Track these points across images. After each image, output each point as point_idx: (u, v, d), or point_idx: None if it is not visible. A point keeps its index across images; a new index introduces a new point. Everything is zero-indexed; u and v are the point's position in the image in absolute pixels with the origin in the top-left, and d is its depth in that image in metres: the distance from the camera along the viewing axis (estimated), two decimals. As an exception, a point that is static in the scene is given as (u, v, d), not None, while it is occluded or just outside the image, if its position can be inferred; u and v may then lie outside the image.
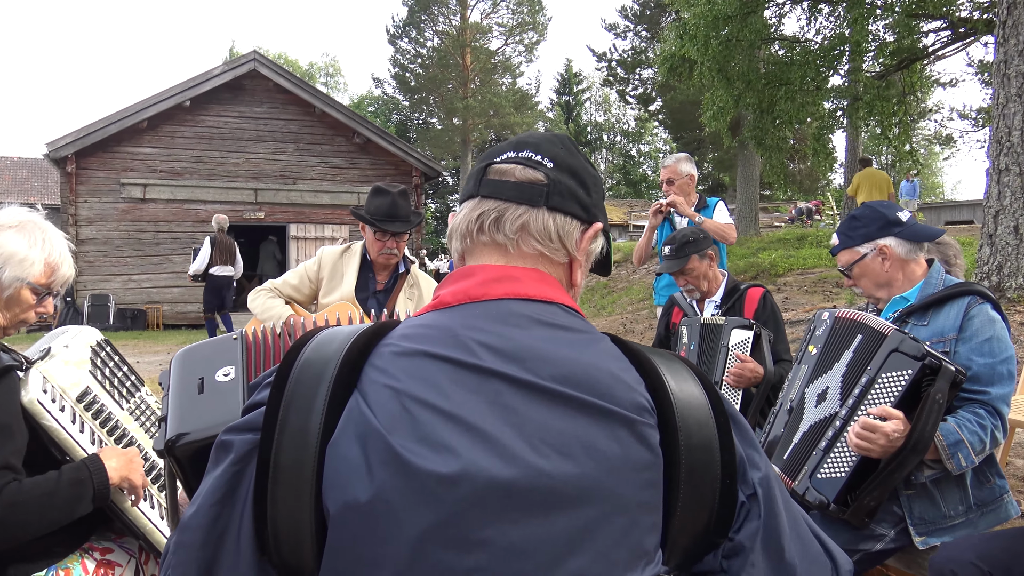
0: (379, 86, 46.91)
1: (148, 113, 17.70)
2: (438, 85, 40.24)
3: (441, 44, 39.94)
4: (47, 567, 1.89)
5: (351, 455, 0.89)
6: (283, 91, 18.90)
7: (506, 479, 0.86)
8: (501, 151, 1.12)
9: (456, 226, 1.11)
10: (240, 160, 18.75)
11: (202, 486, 0.98)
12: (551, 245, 1.07)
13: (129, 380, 2.20)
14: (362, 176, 19.41)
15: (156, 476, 2.17)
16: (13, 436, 1.78)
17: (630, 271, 16.54)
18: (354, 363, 0.96)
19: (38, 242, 1.98)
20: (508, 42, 41.13)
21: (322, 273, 3.64)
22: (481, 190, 1.09)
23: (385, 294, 3.62)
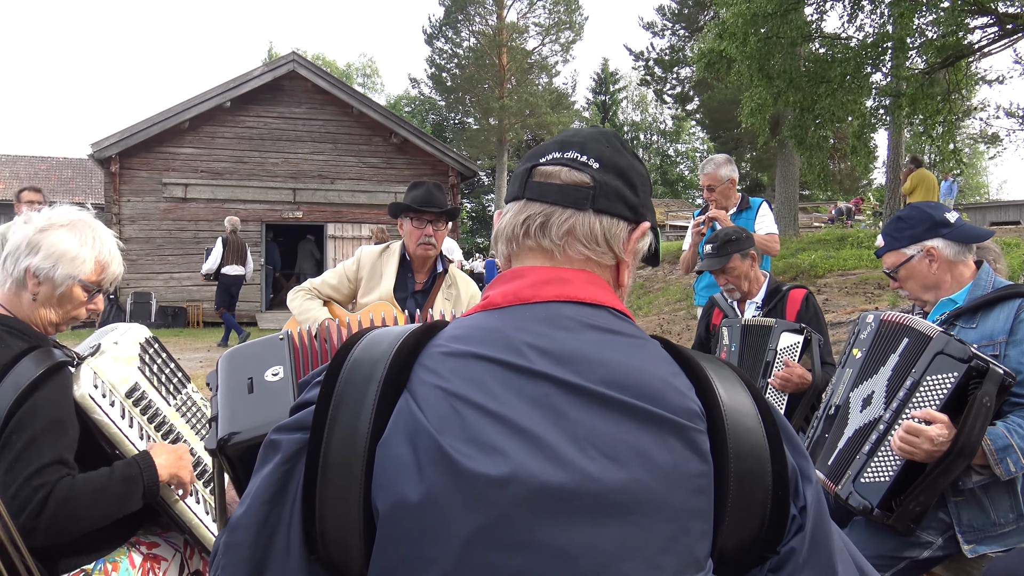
0: (415, 86, 47.15)
1: (189, 114, 17.98)
2: (474, 85, 40.32)
3: (477, 44, 40.01)
4: (96, 560, 1.93)
5: (401, 455, 0.89)
6: (321, 92, 19.08)
7: (555, 483, 0.86)
8: (546, 151, 1.10)
9: (502, 229, 1.10)
10: (279, 160, 18.97)
11: (251, 485, 0.99)
12: (598, 249, 1.06)
13: (176, 377, 2.24)
14: (399, 176, 19.53)
15: (201, 472, 2.20)
16: (66, 431, 1.82)
17: (667, 271, 16.44)
18: (403, 363, 0.96)
19: (89, 240, 2.03)
20: (544, 41, 41.06)
21: (361, 273, 3.66)
22: (527, 192, 1.08)
23: (424, 294, 3.63)
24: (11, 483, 1.70)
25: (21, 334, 1.93)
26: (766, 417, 1.00)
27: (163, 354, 2.23)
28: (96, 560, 1.92)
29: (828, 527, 0.99)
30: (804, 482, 1.00)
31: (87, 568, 1.90)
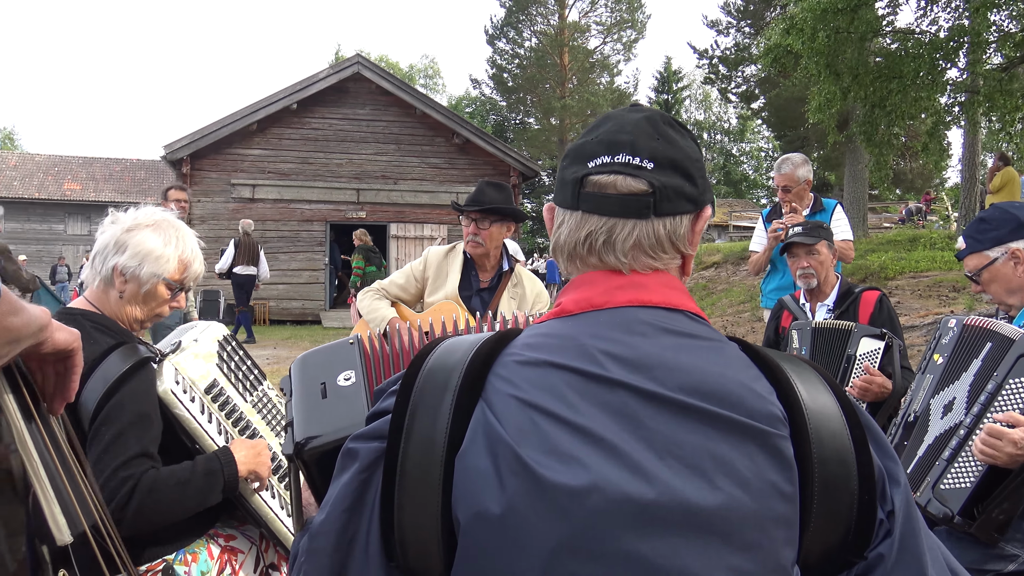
0: (477, 87, 47.37)
1: (257, 116, 18.40)
2: (535, 85, 40.36)
3: (539, 44, 40.04)
4: (177, 550, 1.99)
5: (481, 466, 0.89)
6: (385, 93, 19.32)
7: (636, 493, 0.85)
8: (593, 153, 1.03)
9: (561, 244, 1.06)
10: (343, 161, 19.28)
11: (330, 493, 1.00)
12: (664, 256, 1.03)
13: (252, 374, 2.30)
14: (461, 176, 19.66)
15: (277, 467, 2.25)
16: (151, 425, 1.88)
17: (730, 272, 16.19)
18: (478, 372, 0.96)
19: (172, 240, 2.09)
20: (606, 41, 40.90)
21: (427, 273, 3.70)
22: (581, 204, 1.02)
23: (489, 292, 3.65)
24: (99, 474, 1.77)
25: (108, 330, 2.00)
26: (851, 419, 0.97)
27: (240, 352, 2.28)
28: (177, 551, 1.98)
29: (918, 531, 0.96)
30: (892, 485, 0.97)
31: (168, 558, 1.96)
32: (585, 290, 1.03)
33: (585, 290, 1.03)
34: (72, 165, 30.19)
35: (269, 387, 2.35)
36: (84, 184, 28.97)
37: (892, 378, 3.15)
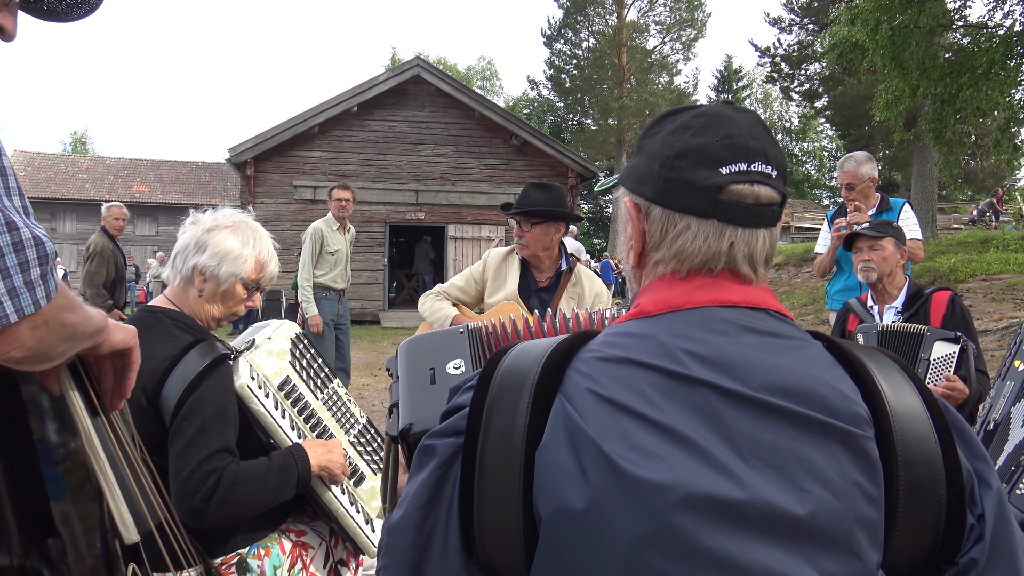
0: (534, 88, 47.38)
1: (319, 119, 18.73)
2: (593, 85, 40.19)
3: (597, 44, 39.86)
4: (251, 544, 2.04)
5: (562, 460, 0.89)
6: (444, 95, 19.48)
7: (719, 492, 0.84)
8: (724, 159, 0.98)
9: (695, 252, 1.00)
10: (402, 163, 19.50)
11: (407, 489, 1.01)
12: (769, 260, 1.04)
13: (323, 372, 2.34)
14: (519, 177, 19.71)
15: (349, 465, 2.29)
16: (230, 420, 1.93)
17: (792, 274, 15.91)
18: (557, 367, 0.96)
19: (250, 241, 2.15)
20: (665, 40, 40.49)
21: (487, 274, 3.72)
22: (719, 213, 0.98)
23: (548, 292, 3.65)
24: (183, 467, 1.82)
25: (187, 327, 2.06)
26: (938, 420, 0.94)
27: (311, 350, 2.33)
28: (251, 544, 2.03)
29: (1012, 535, 0.93)
30: (982, 488, 0.94)
31: (242, 551, 2.01)
32: (663, 292, 1.02)
33: (663, 292, 1.02)
34: (141, 168, 31.12)
35: (338, 385, 2.40)
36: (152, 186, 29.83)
37: (967, 382, 3.05)
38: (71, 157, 33.32)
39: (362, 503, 2.28)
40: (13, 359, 1.00)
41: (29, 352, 1.00)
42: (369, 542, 2.19)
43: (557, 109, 46.27)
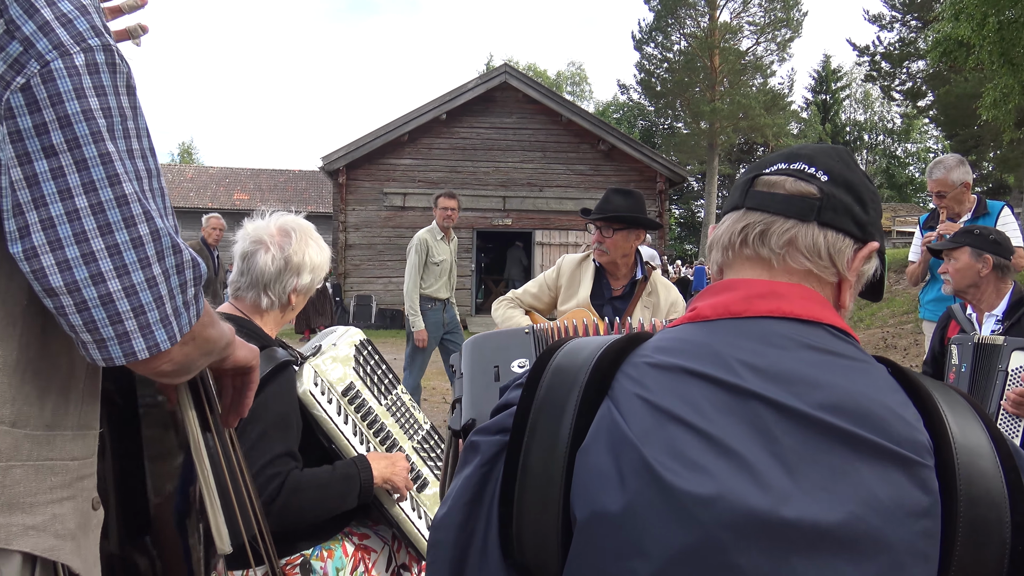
0: (624, 92, 47.13)
1: (408, 127, 19.08)
2: (684, 89, 39.63)
3: (688, 47, 39.31)
4: (314, 545, 2.08)
5: (602, 463, 0.87)
6: (532, 101, 19.56)
7: (764, 509, 0.80)
8: (771, 162, 1.06)
9: (718, 237, 1.07)
10: (490, 169, 19.67)
11: (452, 486, 1.01)
12: (820, 263, 0.99)
13: (387, 378, 2.38)
14: (606, 183, 19.57)
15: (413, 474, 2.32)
16: (291, 425, 1.98)
17: (892, 281, 15.28)
18: (606, 370, 0.94)
19: (322, 244, 2.21)
20: (759, 41, 39.58)
21: (560, 281, 3.70)
22: (747, 202, 1.04)
23: (622, 300, 3.61)
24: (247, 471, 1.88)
25: (253, 335, 2.12)
26: (1005, 460, 0.88)
27: (376, 356, 2.37)
28: (314, 546, 2.08)
29: None
30: None
31: (306, 553, 2.06)
32: (723, 296, 1.00)
33: (723, 296, 1.00)
34: (241, 177, 32.32)
35: (403, 391, 2.43)
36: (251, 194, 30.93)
37: None
38: (177, 167, 34.86)
39: (425, 509, 2.30)
40: (162, 372, 1.03)
41: (177, 366, 1.04)
42: (431, 548, 2.21)
43: (647, 113, 45.89)
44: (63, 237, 0.92)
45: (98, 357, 0.97)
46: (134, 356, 0.97)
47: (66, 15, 0.94)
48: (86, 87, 0.93)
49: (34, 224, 0.92)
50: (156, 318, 0.97)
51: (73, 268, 0.92)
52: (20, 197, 0.92)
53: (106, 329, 0.95)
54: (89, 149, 0.93)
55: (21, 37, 0.92)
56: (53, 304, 0.94)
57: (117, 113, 0.97)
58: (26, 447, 1.01)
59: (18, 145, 0.91)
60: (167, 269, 0.98)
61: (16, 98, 0.91)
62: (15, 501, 0.99)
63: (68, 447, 1.06)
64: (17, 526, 0.99)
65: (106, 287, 0.94)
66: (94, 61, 0.95)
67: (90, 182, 0.93)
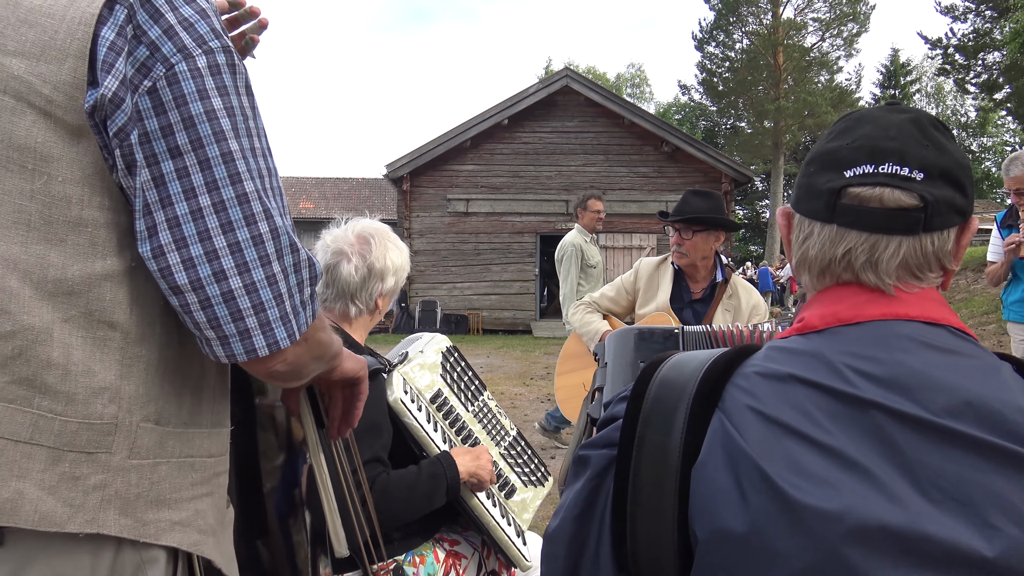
0: (685, 93, 46.60)
1: (471, 133, 19.21)
2: (748, 87, 39.02)
3: (751, 45, 38.69)
4: (406, 551, 2.09)
5: (721, 480, 0.85)
6: (593, 104, 19.50)
7: (896, 524, 0.77)
8: (851, 162, 0.93)
9: (812, 259, 0.97)
10: (552, 173, 19.66)
11: (563, 499, 1.01)
12: (931, 276, 0.94)
13: (474, 384, 2.38)
14: (670, 184, 19.40)
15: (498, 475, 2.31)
16: (381, 433, 2.00)
17: (970, 280, 14.77)
18: (715, 382, 0.92)
19: (401, 245, 2.22)
20: (825, 36, 38.75)
21: (638, 284, 3.67)
22: (838, 218, 0.93)
23: (703, 304, 3.56)
24: None
25: (345, 343, 2.14)
26: None
27: (462, 362, 2.37)
28: (407, 552, 2.09)
29: None
30: None
31: (398, 559, 2.07)
32: (831, 305, 0.95)
33: (831, 305, 0.95)
34: (307, 185, 32.94)
35: (489, 397, 2.42)
36: (317, 203, 31.49)
37: None
38: (246, 177, 35.72)
39: (513, 515, 2.29)
40: (276, 373, 1.05)
41: (290, 367, 1.05)
42: (520, 555, 2.20)
43: (710, 113, 45.34)
44: (187, 235, 0.95)
45: (221, 354, 0.99)
46: (255, 353, 0.98)
47: (188, 19, 0.97)
48: (209, 88, 0.96)
49: (161, 223, 0.95)
50: (276, 315, 0.99)
51: (197, 266, 0.95)
52: (148, 197, 0.95)
53: (228, 326, 0.97)
54: (212, 148, 0.95)
55: (147, 41, 0.95)
56: (178, 302, 0.97)
57: (239, 112, 0.99)
58: (169, 444, 1.04)
59: (146, 147, 0.94)
60: (286, 267, 1.00)
61: (144, 101, 0.94)
62: (162, 497, 1.02)
63: (205, 444, 1.09)
64: (165, 522, 1.02)
65: (227, 284, 0.96)
66: (216, 63, 0.98)
67: (212, 181, 0.95)
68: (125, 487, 0.98)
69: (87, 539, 0.96)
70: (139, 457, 0.99)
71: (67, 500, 0.94)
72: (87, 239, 0.96)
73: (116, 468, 0.97)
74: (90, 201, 0.96)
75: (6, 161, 0.93)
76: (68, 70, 0.94)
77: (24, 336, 0.93)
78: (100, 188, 0.97)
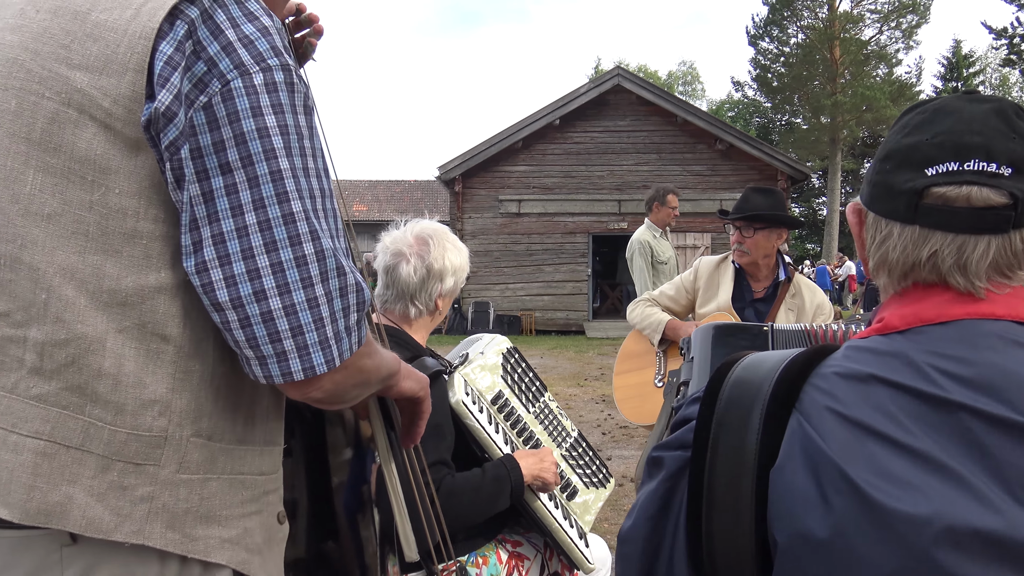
0: (739, 89, 45.97)
1: (522, 134, 19.20)
2: (803, 83, 38.31)
3: (806, 39, 37.98)
4: (469, 552, 2.09)
5: (800, 483, 0.83)
6: (645, 103, 19.34)
7: (990, 529, 0.74)
8: (932, 159, 0.89)
9: (894, 263, 0.93)
10: (604, 173, 19.55)
11: (637, 499, 1.00)
12: (1021, 274, 0.89)
13: (535, 385, 2.37)
14: (724, 183, 19.14)
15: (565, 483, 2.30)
16: (444, 435, 2.00)
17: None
18: (792, 382, 0.89)
19: (460, 245, 2.22)
20: (883, 29, 37.86)
21: (698, 283, 3.62)
22: (920, 219, 0.89)
23: (764, 303, 3.49)
24: None
25: (405, 344, 2.15)
26: None
27: (523, 364, 2.36)
28: (470, 552, 2.09)
29: None
30: None
31: (461, 559, 2.07)
32: (912, 304, 0.92)
33: (912, 304, 0.92)
34: (360, 188, 33.32)
35: (550, 398, 2.41)
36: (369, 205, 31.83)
37: None
38: (300, 181, 36.34)
39: (575, 517, 2.28)
40: (312, 399, 1.04)
41: (326, 395, 1.04)
42: (583, 557, 2.18)
43: (764, 110, 44.64)
44: (231, 252, 0.94)
45: (260, 375, 0.98)
46: (291, 376, 0.97)
47: (248, 36, 0.97)
48: (263, 105, 0.95)
49: (206, 239, 0.95)
50: (314, 339, 0.97)
51: (238, 283, 0.94)
52: (196, 212, 0.95)
53: (266, 347, 0.96)
54: (261, 167, 0.95)
55: (206, 57, 0.95)
56: (220, 319, 0.97)
57: (293, 131, 0.98)
58: (221, 461, 1.04)
59: (198, 162, 0.94)
60: (330, 291, 0.98)
61: (199, 116, 0.94)
62: (212, 514, 1.02)
63: (256, 462, 1.09)
64: (214, 538, 1.02)
65: (267, 304, 0.95)
66: (273, 80, 0.97)
67: (260, 199, 0.94)
68: (173, 501, 0.99)
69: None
70: (188, 472, 1.00)
71: (115, 509, 0.95)
72: (141, 251, 0.97)
73: (164, 481, 0.98)
74: (145, 214, 0.97)
75: (68, 172, 0.95)
76: (127, 83, 0.95)
77: (78, 344, 0.95)
78: (156, 201, 0.98)
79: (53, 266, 0.94)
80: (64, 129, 0.95)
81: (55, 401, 0.94)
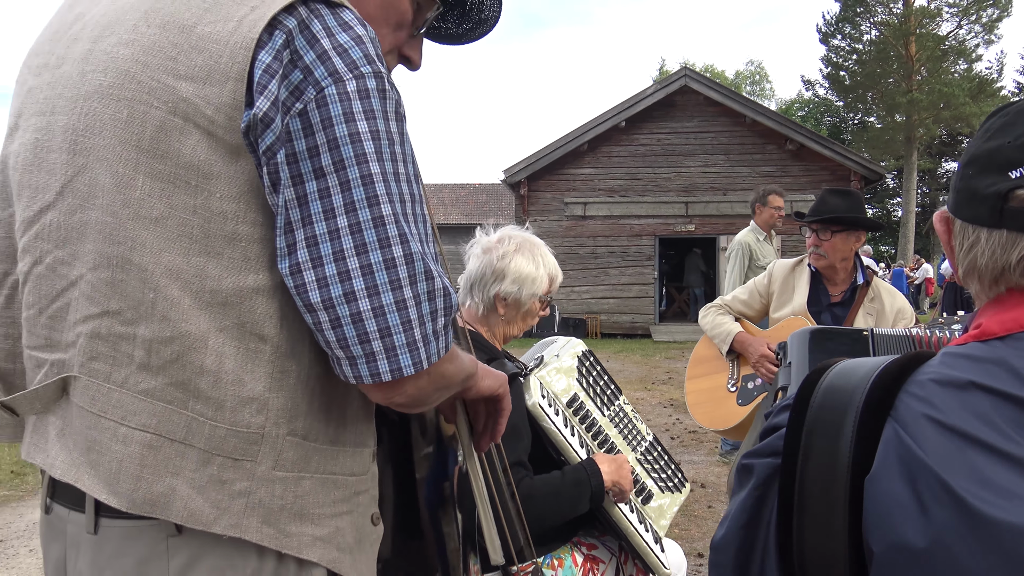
0: (809, 88, 44.95)
1: (587, 137, 19.15)
2: (877, 81, 37.25)
3: (880, 36, 36.93)
4: (545, 554, 2.10)
5: (897, 492, 0.81)
6: (713, 103, 19.09)
7: None
8: (1018, 161, 0.88)
9: (983, 268, 0.92)
10: (671, 175, 19.35)
11: (729, 508, 1.00)
12: None
13: (609, 389, 2.37)
14: (795, 183, 18.73)
15: (635, 481, 2.29)
16: (521, 437, 2.01)
17: None
18: (887, 389, 0.88)
19: (540, 260, 2.23)
20: (961, 24, 36.56)
21: (772, 287, 3.56)
22: (1006, 223, 0.88)
23: (841, 307, 3.42)
24: None
25: (480, 347, 2.18)
26: None
27: (598, 367, 2.36)
28: (545, 555, 2.10)
29: None
30: None
31: (537, 561, 2.08)
32: (1011, 310, 0.90)
33: (1011, 310, 0.90)
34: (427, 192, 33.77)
35: (625, 402, 2.41)
36: (436, 208, 32.17)
37: None
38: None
39: (651, 521, 2.27)
40: (395, 403, 1.07)
41: (409, 399, 1.06)
42: (659, 562, 2.17)
43: (835, 109, 43.54)
44: (324, 255, 0.97)
45: (349, 375, 1.01)
46: (379, 377, 0.99)
47: (342, 45, 1.00)
48: (356, 111, 0.98)
49: (300, 242, 0.98)
50: (402, 342, 0.99)
51: (330, 285, 0.97)
52: (291, 216, 0.98)
53: (355, 347, 0.98)
54: (352, 171, 0.97)
55: (302, 65, 0.98)
56: (311, 320, 0.99)
57: (385, 137, 1.01)
58: (314, 460, 1.07)
59: (293, 167, 0.98)
60: (418, 294, 1.00)
61: (295, 123, 0.98)
62: (304, 512, 1.05)
63: (348, 463, 1.12)
64: (307, 536, 1.05)
65: (357, 306, 0.97)
66: (365, 87, 1.00)
67: (351, 202, 0.97)
68: (269, 497, 1.02)
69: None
70: (284, 469, 1.03)
71: (214, 502, 0.99)
72: (240, 253, 1.01)
73: (260, 477, 1.02)
74: (244, 217, 1.01)
75: (174, 178, 0.99)
76: (229, 92, 0.98)
77: (182, 342, 0.99)
78: (255, 205, 1.01)
79: (160, 267, 0.99)
80: (171, 136, 0.99)
81: (161, 396, 0.99)
